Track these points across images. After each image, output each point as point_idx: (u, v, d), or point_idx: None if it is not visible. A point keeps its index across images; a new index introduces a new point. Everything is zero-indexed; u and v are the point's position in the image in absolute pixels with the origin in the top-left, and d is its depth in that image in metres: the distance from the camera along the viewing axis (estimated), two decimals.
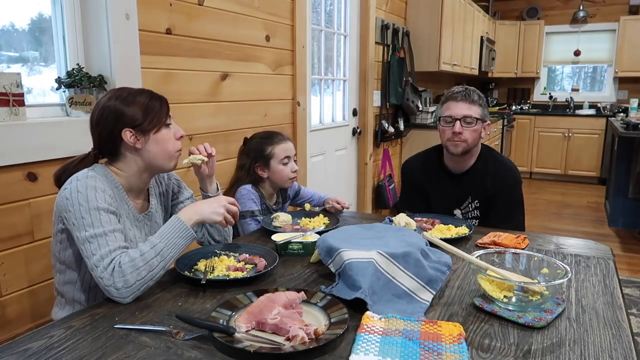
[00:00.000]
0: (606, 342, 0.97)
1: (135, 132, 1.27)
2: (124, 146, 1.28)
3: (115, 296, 1.12)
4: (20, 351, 0.92)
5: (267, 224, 1.71)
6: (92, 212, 1.17)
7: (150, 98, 1.31)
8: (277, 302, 1.05)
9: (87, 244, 1.16)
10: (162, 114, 1.31)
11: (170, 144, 1.33)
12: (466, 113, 1.82)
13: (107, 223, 1.18)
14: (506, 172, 1.90)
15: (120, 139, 1.27)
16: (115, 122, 1.26)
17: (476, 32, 5.88)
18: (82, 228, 1.16)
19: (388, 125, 4.23)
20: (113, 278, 1.12)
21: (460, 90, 1.87)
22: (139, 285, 1.13)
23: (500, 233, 1.58)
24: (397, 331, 0.96)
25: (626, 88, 6.87)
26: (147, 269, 1.14)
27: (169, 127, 1.33)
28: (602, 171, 6.48)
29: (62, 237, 1.27)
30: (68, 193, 1.19)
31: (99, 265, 1.13)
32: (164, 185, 1.50)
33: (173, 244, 1.21)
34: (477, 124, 1.83)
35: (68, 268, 1.29)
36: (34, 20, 1.77)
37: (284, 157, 1.88)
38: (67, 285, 1.30)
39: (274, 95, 2.78)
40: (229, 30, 2.37)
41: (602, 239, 4.18)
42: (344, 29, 3.73)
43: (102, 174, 1.26)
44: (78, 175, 1.22)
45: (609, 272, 1.35)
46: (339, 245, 1.22)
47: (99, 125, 1.28)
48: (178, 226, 1.23)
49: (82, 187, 1.19)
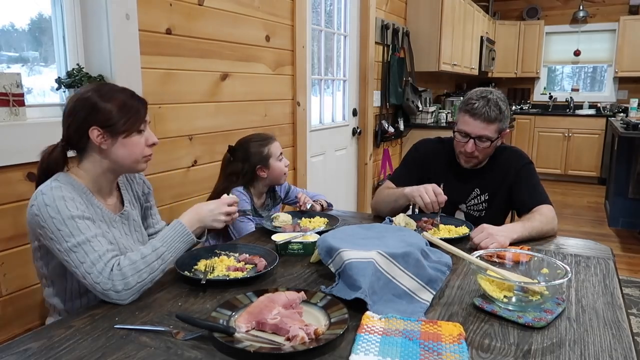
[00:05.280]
0: (606, 342, 0.97)
1: (103, 132, 1.21)
2: (90, 144, 1.23)
3: (115, 299, 1.11)
4: (20, 351, 0.92)
5: (267, 224, 1.72)
6: (68, 221, 1.13)
7: (129, 98, 1.25)
8: (277, 302, 1.05)
9: (71, 255, 1.13)
10: (137, 119, 1.25)
11: (138, 150, 1.27)
12: (482, 133, 1.73)
13: (86, 229, 1.15)
14: (517, 157, 1.86)
15: (87, 136, 1.21)
16: (86, 116, 1.20)
17: (476, 32, 5.88)
18: (62, 240, 1.13)
19: (388, 125, 4.23)
20: (112, 281, 1.11)
21: (480, 105, 1.72)
22: (139, 287, 1.13)
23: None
24: (397, 331, 0.96)
25: (626, 88, 6.87)
26: (148, 271, 1.14)
27: (141, 133, 1.27)
28: (602, 171, 6.48)
29: (41, 254, 1.24)
30: (36, 209, 1.15)
31: (91, 271, 1.12)
32: (135, 183, 1.45)
33: (174, 248, 1.21)
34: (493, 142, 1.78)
35: (53, 282, 1.26)
36: (34, 20, 1.77)
37: (279, 153, 1.96)
38: (56, 298, 1.28)
39: (274, 95, 2.78)
40: (229, 30, 2.37)
41: (602, 239, 4.18)
42: (344, 29, 3.73)
43: (67, 182, 1.20)
44: (42, 189, 1.17)
45: (609, 272, 1.35)
46: (339, 245, 1.21)
47: (70, 117, 1.22)
48: (180, 230, 1.23)
49: (49, 199, 1.14)
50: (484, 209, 1.89)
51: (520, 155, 1.90)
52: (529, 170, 1.84)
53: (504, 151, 1.90)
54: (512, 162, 1.86)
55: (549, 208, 1.72)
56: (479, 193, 1.89)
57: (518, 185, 1.82)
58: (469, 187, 1.90)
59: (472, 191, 1.90)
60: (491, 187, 1.87)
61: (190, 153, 2.22)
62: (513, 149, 1.94)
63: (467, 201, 1.91)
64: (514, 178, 1.83)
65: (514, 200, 1.83)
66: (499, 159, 1.88)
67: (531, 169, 1.85)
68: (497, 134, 1.77)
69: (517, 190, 1.82)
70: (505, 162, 1.86)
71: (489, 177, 1.87)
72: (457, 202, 1.91)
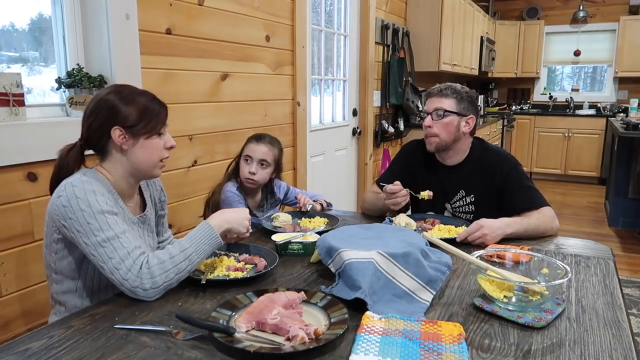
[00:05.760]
0: (606, 342, 0.97)
1: (125, 132, 1.23)
2: (111, 144, 1.25)
3: (142, 296, 1.12)
4: (20, 351, 0.92)
5: (267, 224, 1.72)
6: (98, 216, 1.15)
7: (150, 101, 1.27)
8: (277, 302, 1.05)
9: (99, 249, 1.14)
10: (158, 122, 1.27)
11: (157, 153, 1.29)
12: (436, 106, 1.83)
13: (115, 225, 1.16)
14: (502, 160, 1.86)
15: (108, 136, 1.23)
16: (108, 117, 1.22)
17: (476, 32, 5.88)
18: (90, 234, 1.14)
19: (388, 125, 4.23)
20: (140, 279, 1.11)
21: (436, 87, 1.88)
22: (165, 286, 1.14)
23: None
24: (397, 331, 0.96)
25: (626, 88, 6.87)
26: (175, 271, 1.15)
27: (160, 136, 1.29)
28: (602, 171, 6.48)
29: (57, 247, 1.23)
30: (65, 200, 1.15)
31: (120, 267, 1.12)
32: (154, 189, 1.48)
33: (202, 250, 1.21)
34: (449, 116, 1.81)
35: (66, 277, 1.26)
36: (34, 20, 1.77)
37: (246, 154, 1.90)
38: (66, 295, 1.27)
39: (274, 95, 2.78)
40: (229, 30, 2.37)
41: (602, 239, 4.18)
42: (344, 29, 3.73)
43: (95, 178, 1.23)
44: (72, 180, 1.18)
45: (609, 272, 1.35)
46: (339, 245, 1.22)
47: (92, 117, 1.24)
48: (208, 232, 1.23)
49: (80, 192, 1.15)
50: (472, 211, 1.87)
51: (505, 157, 1.88)
52: (517, 174, 1.83)
53: (487, 152, 1.89)
54: (497, 166, 1.84)
55: (547, 209, 1.73)
56: (465, 195, 1.88)
57: (508, 190, 1.80)
58: (452, 186, 1.90)
59: (457, 192, 1.89)
60: (477, 189, 1.86)
61: (190, 153, 2.22)
62: (497, 150, 1.94)
63: (452, 201, 1.91)
64: (502, 183, 1.81)
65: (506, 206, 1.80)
66: (482, 159, 1.87)
67: (519, 172, 1.84)
68: (455, 112, 1.82)
69: (508, 195, 1.80)
70: (490, 164, 1.85)
71: (474, 179, 1.86)
72: (442, 201, 1.92)
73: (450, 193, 1.91)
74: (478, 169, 1.87)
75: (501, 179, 1.82)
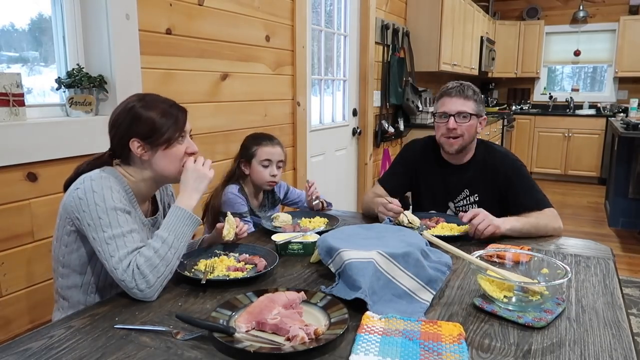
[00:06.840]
0: (606, 342, 0.97)
1: (143, 144, 1.24)
2: (132, 155, 1.27)
3: (141, 297, 1.13)
4: (20, 351, 0.92)
5: (267, 224, 1.72)
6: (110, 212, 1.16)
7: (169, 108, 1.27)
8: (277, 302, 1.05)
9: (105, 245, 1.14)
10: (176, 129, 1.26)
11: (179, 160, 1.29)
12: (460, 109, 1.80)
13: (125, 223, 1.17)
14: (507, 161, 1.87)
15: (129, 148, 1.25)
16: (127, 129, 1.24)
17: (476, 32, 5.88)
18: (100, 229, 1.15)
19: (388, 125, 4.23)
20: (135, 281, 1.12)
21: (454, 86, 1.84)
22: (160, 281, 1.15)
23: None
24: (397, 331, 0.96)
25: (626, 88, 6.87)
26: (164, 264, 1.15)
27: (181, 143, 1.29)
28: (602, 171, 6.48)
29: (69, 240, 1.24)
30: (82, 193, 1.17)
31: (118, 267, 1.13)
32: (165, 194, 1.49)
33: (182, 233, 1.21)
34: (472, 119, 1.81)
35: (73, 272, 1.27)
36: (34, 20, 1.77)
37: (264, 159, 1.88)
38: (71, 289, 1.28)
39: (274, 95, 2.78)
40: (229, 30, 2.37)
41: (602, 239, 4.18)
42: (344, 29, 3.73)
43: (114, 175, 1.24)
44: (91, 175, 1.20)
45: (609, 272, 1.35)
46: (339, 245, 1.22)
47: (114, 128, 1.27)
48: (181, 215, 1.23)
49: (98, 186, 1.17)
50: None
51: (509, 157, 1.89)
52: (521, 174, 1.84)
53: (492, 151, 1.90)
54: (502, 165, 1.85)
55: (551, 210, 1.74)
56: (469, 194, 1.89)
57: (513, 191, 1.81)
58: (457, 185, 1.90)
59: (462, 191, 1.90)
60: (481, 188, 1.87)
61: None
62: (501, 150, 1.94)
63: (455, 200, 1.92)
64: (506, 183, 1.82)
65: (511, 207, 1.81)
66: (487, 159, 1.88)
67: (524, 173, 1.85)
68: (475, 114, 1.82)
69: (512, 196, 1.81)
70: (494, 164, 1.86)
71: (479, 178, 1.87)
72: (445, 200, 1.92)
73: (454, 192, 1.92)
74: (483, 168, 1.87)
75: (506, 179, 1.82)
